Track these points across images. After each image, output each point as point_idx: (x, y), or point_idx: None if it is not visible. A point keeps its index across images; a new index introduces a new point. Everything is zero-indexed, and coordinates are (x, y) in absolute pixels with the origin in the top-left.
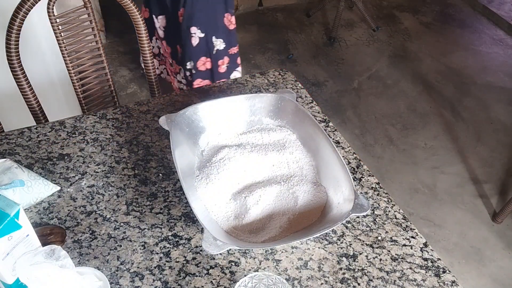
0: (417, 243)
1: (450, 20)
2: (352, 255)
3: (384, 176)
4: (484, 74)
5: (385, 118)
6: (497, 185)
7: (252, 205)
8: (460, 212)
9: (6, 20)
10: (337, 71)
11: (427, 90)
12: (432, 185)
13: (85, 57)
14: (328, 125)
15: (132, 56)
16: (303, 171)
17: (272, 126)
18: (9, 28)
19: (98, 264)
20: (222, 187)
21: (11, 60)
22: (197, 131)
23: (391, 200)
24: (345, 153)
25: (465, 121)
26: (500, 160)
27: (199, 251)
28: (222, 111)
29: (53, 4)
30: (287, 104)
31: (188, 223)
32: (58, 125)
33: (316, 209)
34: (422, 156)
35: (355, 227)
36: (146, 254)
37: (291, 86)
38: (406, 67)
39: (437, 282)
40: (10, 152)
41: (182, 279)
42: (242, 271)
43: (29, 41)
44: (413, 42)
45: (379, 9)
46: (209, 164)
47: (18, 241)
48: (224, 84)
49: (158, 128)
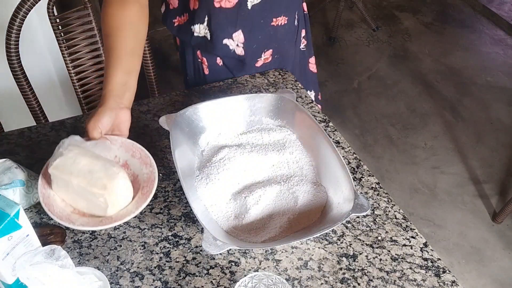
0: (417, 243)
1: (450, 20)
2: (352, 255)
3: (384, 176)
4: (484, 74)
5: (385, 118)
6: (497, 185)
7: (252, 205)
8: (460, 212)
9: (6, 20)
10: (337, 71)
11: (427, 90)
12: (432, 185)
13: (85, 57)
14: (328, 125)
15: None
16: (303, 171)
17: (272, 126)
18: (9, 28)
19: (98, 264)
20: (222, 187)
21: (11, 60)
22: (197, 131)
23: (391, 200)
24: (345, 153)
25: (465, 121)
26: (500, 160)
27: (199, 251)
28: (222, 111)
29: (53, 4)
30: (287, 104)
31: (188, 223)
32: (58, 125)
33: (316, 209)
34: (422, 156)
35: (355, 227)
36: (146, 254)
37: (291, 86)
38: (406, 67)
39: (437, 282)
40: (10, 152)
41: (182, 279)
42: (242, 271)
43: (29, 41)
44: (413, 42)
45: (379, 9)
46: (209, 164)
47: (18, 241)
48: (224, 84)
49: (158, 128)
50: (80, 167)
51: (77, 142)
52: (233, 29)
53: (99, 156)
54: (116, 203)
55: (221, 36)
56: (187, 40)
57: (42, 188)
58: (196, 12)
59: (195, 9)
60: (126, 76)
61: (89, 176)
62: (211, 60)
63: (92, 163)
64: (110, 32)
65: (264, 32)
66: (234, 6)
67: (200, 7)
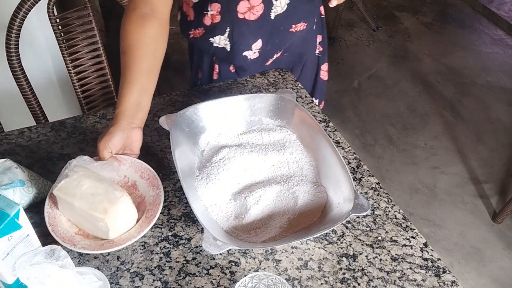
0: (417, 243)
1: (450, 20)
2: (352, 255)
3: (384, 176)
4: (484, 74)
5: (385, 118)
6: (497, 185)
7: (252, 205)
8: (460, 212)
9: (6, 20)
10: (337, 71)
11: (427, 90)
12: (432, 185)
13: (85, 57)
14: (328, 125)
15: None
16: (303, 171)
17: (272, 126)
18: (9, 28)
19: (98, 264)
20: (222, 187)
21: (11, 60)
22: (197, 131)
23: (391, 200)
24: (345, 153)
25: (465, 121)
26: (500, 160)
27: (199, 251)
28: (222, 111)
29: (53, 4)
30: (287, 104)
31: (188, 223)
32: (58, 125)
33: (316, 209)
34: (422, 156)
35: (355, 227)
36: (146, 254)
37: (291, 86)
38: (406, 67)
39: (437, 282)
40: (10, 152)
41: (182, 279)
42: (242, 271)
43: (29, 41)
44: (413, 42)
45: (379, 9)
46: (209, 164)
47: (18, 241)
48: (224, 84)
49: (158, 128)
50: (83, 189)
51: (84, 163)
52: (254, 40)
53: (104, 179)
54: (117, 227)
55: (241, 48)
56: (204, 49)
57: (48, 208)
58: (217, 25)
59: (215, 22)
60: (141, 96)
61: (91, 200)
62: (225, 67)
63: (95, 186)
64: (127, 50)
65: (281, 37)
66: (258, 18)
67: (222, 20)
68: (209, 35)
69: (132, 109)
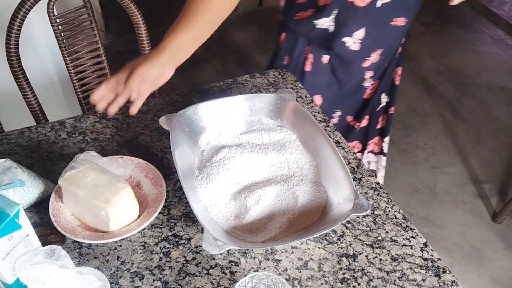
0: (417, 243)
1: (450, 20)
2: (352, 255)
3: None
4: (484, 74)
5: None
6: (497, 185)
7: (252, 205)
8: (460, 212)
9: (6, 20)
10: None
11: (427, 90)
12: (432, 185)
13: (85, 57)
14: (328, 125)
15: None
16: (303, 171)
17: (272, 126)
18: (9, 28)
19: (98, 264)
20: (222, 187)
21: (11, 60)
22: (197, 131)
23: (391, 200)
24: (345, 153)
25: (465, 121)
26: (500, 160)
27: (199, 251)
28: (222, 111)
29: (53, 4)
30: (287, 104)
31: (188, 223)
32: (58, 125)
33: (316, 209)
34: (422, 156)
35: (355, 227)
36: (146, 254)
37: (291, 86)
38: (406, 67)
39: (437, 282)
40: (10, 152)
41: (182, 279)
42: (242, 271)
43: (29, 41)
44: (413, 42)
45: None
46: (209, 164)
47: (18, 241)
48: (224, 84)
49: (158, 128)
50: (87, 180)
51: (92, 158)
52: (357, 28)
53: (108, 172)
54: (118, 218)
55: (342, 33)
56: (304, 33)
57: (53, 200)
58: (327, 6)
59: (326, 4)
60: (191, 41)
61: (94, 189)
62: (318, 56)
63: (99, 177)
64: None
65: (382, 30)
66: (366, 5)
67: (333, 2)
68: (316, 16)
69: (178, 47)
